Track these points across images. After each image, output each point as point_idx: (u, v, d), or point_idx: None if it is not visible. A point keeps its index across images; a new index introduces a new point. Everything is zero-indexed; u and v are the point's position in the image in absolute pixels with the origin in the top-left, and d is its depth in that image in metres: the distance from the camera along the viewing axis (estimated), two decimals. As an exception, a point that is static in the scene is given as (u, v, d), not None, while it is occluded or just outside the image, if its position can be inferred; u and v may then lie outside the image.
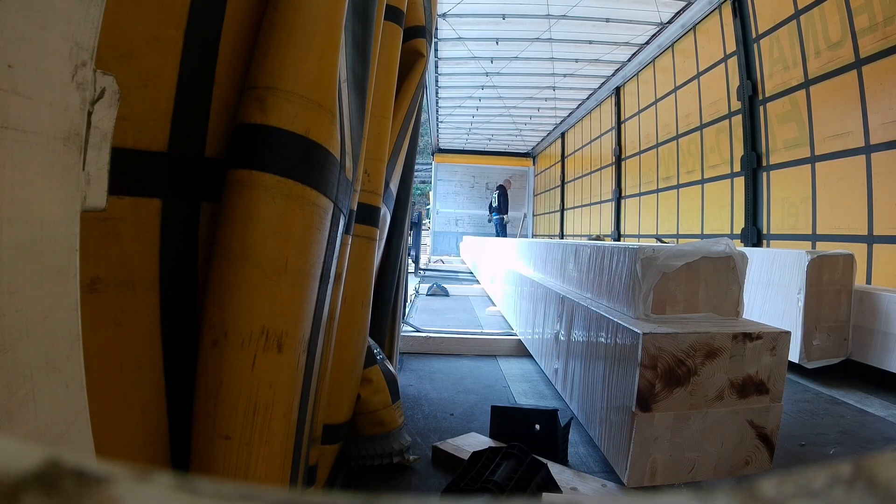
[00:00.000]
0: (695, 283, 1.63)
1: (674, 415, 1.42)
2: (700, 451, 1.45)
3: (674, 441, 1.43)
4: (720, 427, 1.47)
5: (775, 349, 1.53)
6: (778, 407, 1.52)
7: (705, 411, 1.45)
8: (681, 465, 1.44)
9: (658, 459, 1.42)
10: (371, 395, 1.53)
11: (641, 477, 1.42)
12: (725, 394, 1.47)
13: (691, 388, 1.43)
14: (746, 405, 1.49)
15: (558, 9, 6.33)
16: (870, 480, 0.13)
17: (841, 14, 3.75)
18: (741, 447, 1.49)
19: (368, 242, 1.44)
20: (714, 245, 1.64)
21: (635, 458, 1.41)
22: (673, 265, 1.57)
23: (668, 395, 1.41)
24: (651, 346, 1.40)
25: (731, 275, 1.67)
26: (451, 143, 14.70)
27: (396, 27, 1.49)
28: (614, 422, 1.54)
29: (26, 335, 0.42)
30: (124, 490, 0.13)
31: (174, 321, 0.69)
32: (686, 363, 1.43)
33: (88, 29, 0.48)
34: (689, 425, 1.44)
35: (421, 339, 3.16)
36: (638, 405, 1.41)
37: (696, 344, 1.44)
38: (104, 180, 0.55)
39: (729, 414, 1.47)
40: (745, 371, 1.49)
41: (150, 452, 0.67)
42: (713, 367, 1.46)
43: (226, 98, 0.74)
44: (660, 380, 1.40)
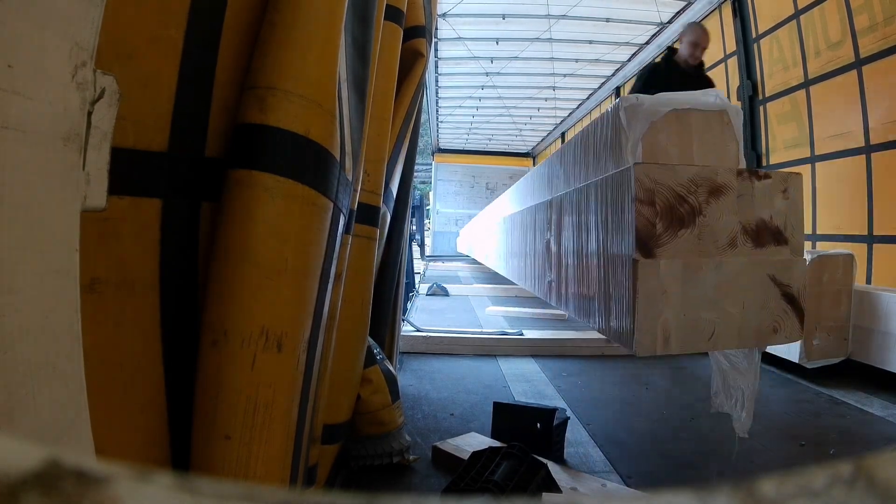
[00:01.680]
0: (687, 138, 1.46)
1: (682, 263, 1.25)
2: (719, 311, 1.28)
3: (686, 296, 1.25)
4: (739, 282, 1.29)
5: (787, 192, 1.35)
6: (801, 263, 1.36)
7: (719, 260, 1.28)
8: (697, 328, 1.27)
9: (670, 320, 1.25)
10: (371, 395, 1.53)
11: (653, 343, 1.24)
12: (739, 240, 1.30)
13: (698, 230, 1.27)
14: (765, 256, 1.32)
15: (558, 9, 6.33)
16: (870, 480, 0.13)
17: (841, 14, 3.75)
18: (766, 309, 1.32)
19: (368, 242, 1.44)
20: (704, 96, 1.49)
21: (643, 317, 1.23)
22: (660, 111, 1.42)
23: (672, 238, 1.25)
24: (645, 179, 1.23)
25: (726, 130, 1.50)
26: (451, 143, 14.69)
27: (396, 27, 1.48)
28: (615, 290, 1.36)
29: (26, 335, 0.42)
30: (124, 490, 0.13)
31: (174, 321, 0.69)
32: (688, 200, 1.27)
33: (88, 29, 0.48)
34: (702, 278, 1.27)
35: (421, 338, 3.15)
36: (638, 249, 1.23)
37: (696, 178, 1.28)
38: (104, 180, 0.55)
39: (747, 266, 1.30)
40: (758, 215, 1.32)
41: (150, 452, 0.67)
42: (720, 206, 1.29)
43: (226, 98, 0.74)
44: (660, 218, 1.24)
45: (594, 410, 2.16)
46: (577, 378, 2.66)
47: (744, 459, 1.71)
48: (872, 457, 0.14)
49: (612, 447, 1.77)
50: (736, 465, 1.65)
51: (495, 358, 3.01)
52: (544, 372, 2.72)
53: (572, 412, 2.08)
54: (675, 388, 2.51)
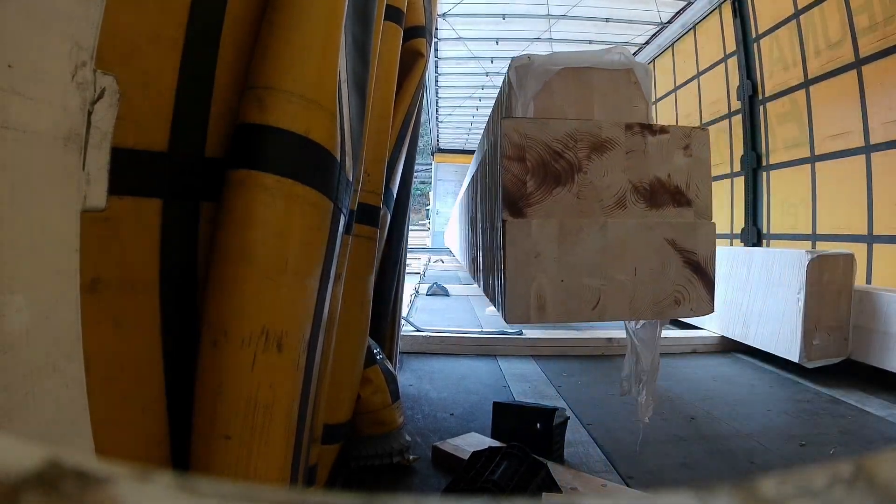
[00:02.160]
0: (587, 98, 1.33)
1: (558, 224, 1.14)
2: (605, 278, 1.16)
3: (564, 261, 1.14)
4: (629, 246, 1.17)
5: (689, 148, 1.22)
6: (708, 227, 1.23)
7: (603, 221, 1.16)
8: (578, 296, 1.15)
9: (545, 285, 1.14)
10: (371, 395, 1.53)
11: (526, 310, 1.14)
12: (629, 200, 1.19)
13: (577, 188, 1.16)
14: (662, 218, 1.19)
15: (558, 9, 6.33)
16: (870, 480, 0.13)
17: (841, 14, 3.75)
18: (665, 277, 1.20)
19: (368, 242, 1.44)
20: (606, 54, 1.36)
21: (513, 282, 1.14)
22: (552, 69, 1.30)
23: (546, 197, 1.14)
24: (514, 134, 1.14)
25: (633, 90, 1.37)
26: (450, 143, 14.69)
27: (396, 27, 1.48)
28: (492, 253, 1.25)
29: (26, 335, 0.42)
30: (124, 490, 0.13)
31: (174, 321, 0.69)
32: (565, 156, 1.16)
33: (88, 29, 0.48)
34: (583, 240, 1.15)
35: (421, 338, 3.16)
36: (507, 208, 1.13)
37: (575, 133, 1.16)
38: (104, 180, 0.55)
39: (638, 228, 1.18)
40: (652, 173, 1.20)
41: (150, 452, 0.67)
42: (604, 163, 1.17)
43: (226, 98, 0.74)
44: (531, 175, 1.14)
45: (594, 410, 2.16)
46: (578, 378, 2.66)
47: (744, 459, 1.71)
48: (872, 457, 0.14)
49: (612, 447, 1.77)
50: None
51: (495, 358, 3.01)
52: (544, 372, 2.72)
53: (572, 412, 2.08)
54: (675, 389, 2.51)
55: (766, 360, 2.97)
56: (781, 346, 2.83)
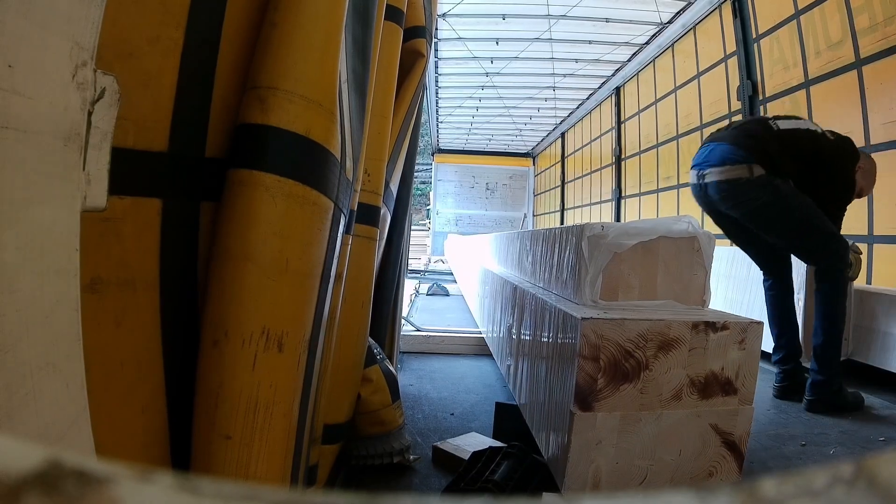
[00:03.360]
0: (652, 267, 1.40)
1: (620, 416, 1.24)
2: (653, 458, 1.27)
3: (621, 446, 1.25)
4: (678, 432, 1.28)
5: (744, 342, 1.31)
6: (747, 410, 1.33)
7: (659, 412, 1.26)
8: (629, 473, 1.26)
9: (601, 467, 1.24)
10: (371, 395, 1.53)
11: (582, 487, 1.24)
12: (684, 393, 1.27)
13: (642, 385, 1.24)
14: (709, 407, 1.30)
15: (558, 9, 6.33)
16: (870, 480, 0.13)
17: (841, 14, 3.75)
18: (703, 456, 1.30)
19: (369, 242, 1.44)
20: (675, 223, 1.41)
21: (574, 463, 1.23)
22: (624, 244, 1.36)
23: (613, 393, 1.23)
24: (592, 335, 1.21)
25: (695, 258, 1.44)
26: (451, 143, 14.70)
27: (396, 27, 1.48)
28: (555, 424, 1.35)
29: (26, 335, 0.42)
30: (125, 490, 0.13)
31: (174, 321, 0.69)
32: (635, 355, 1.23)
33: (88, 29, 0.48)
34: (640, 429, 1.25)
35: (421, 338, 3.16)
36: (577, 403, 1.22)
37: (647, 333, 1.24)
38: (104, 180, 0.55)
39: (688, 417, 1.28)
40: (708, 367, 1.29)
41: (150, 452, 0.67)
42: (668, 361, 1.26)
43: (226, 98, 0.74)
44: (603, 374, 1.22)
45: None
46: (578, 378, 2.66)
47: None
48: (872, 457, 0.14)
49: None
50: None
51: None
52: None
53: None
54: (676, 388, 2.51)
55: (766, 360, 2.97)
56: (781, 346, 2.83)
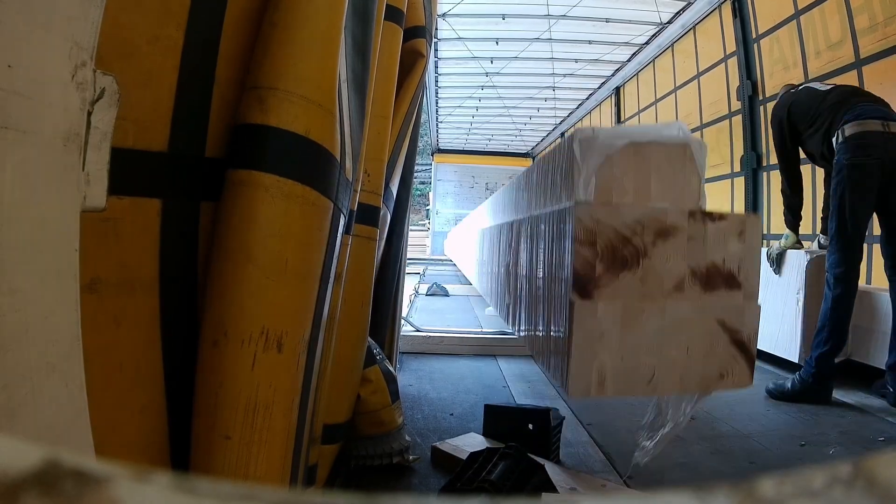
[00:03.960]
0: (645, 172, 1.37)
1: (622, 306, 1.20)
2: (660, 356, 1.22)
3: (625, 341, 1.20)
4: (684, 327, 1.24)
5: (743, 234, 1.29)
6: (754, 307, 1.30)
7: (663, 304, 1.22)
8: (636, 372, 1.22)
9: (606, 363, 1.20)
10: (371, 395, 1.53)
11: (587, 385, 1.19)
12: (686, 284, 1.24)
13: (642, 273, 1.21)
14: (715, 300, 1.26)
15: (558, 9, 6.33)
16: (870, 480, 0.13)
17: (841, 14, 3.75)
18: (713, 355, 1.26)
19: (368, 242, 1.44)
20: (666, 129, 1.38)
21: (578, 359, 1.18)
22: (616, 144, 1.33)
23: (613, 280, 1.19)
24: (587, 218, 1.18)
25: (688, 164, 1.41)
26: (450, 143, 14.70)
27: (396, 27, 1.48)
28: (555, 323, 1.30)
29: (26, 335, 0.42)
30: (124, 490, 0.13)
31: (174, 321, 0.69)
32: (633, 242, 1.20)
33: (88, 29, 0.48)
34: (644, 322, 1.21)
35: (421, 338, 3.15)
36: (576, 290, 1.18)
37: (643, 218, 1.22)
38: (104, 180, 0.55)
39: (693, 311, 1.24)
40: (709, 258, 1.26)
41: (150, 452, 0.67)
42: (667, 249, 1.23)
43: (226, 98, 0.74)
44: (601, 260, 1.18)
45: (595, 410, 2.16)
46: (577, 378, 2.66)
47: (744, 459, 1.71)
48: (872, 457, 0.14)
49: (611, 447, 1.77)
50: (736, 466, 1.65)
51: (495, 358, 3.01)
52: (544, 372, 2.72)
53: (573, 412, 2.09)
54: (675, 389, 2.51)
55: (766, 360, 2.97)
56: (781, 345, 2.83)
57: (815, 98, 2.56)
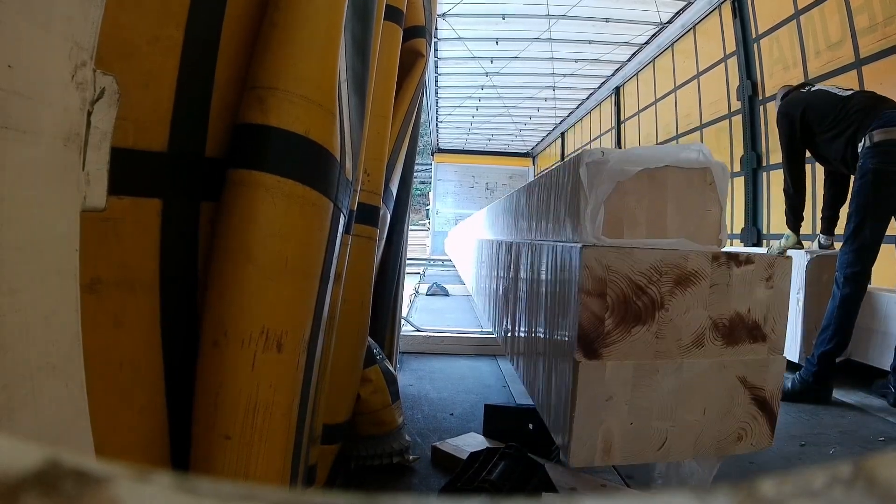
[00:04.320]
0: (661, 201, 1.23)
1: (633, 366, 1.07)
2: (673, 419, 1.10)
3: (635, 404, 1.08)
4: (701, 386, 1.11)
5: (772, 280, 1.15)
6: (779, 361, 1.16)
7: (679, 362, 1.09)
8: (646, 438, 1.09)
9: (613, 429, 1.07)
10: (371, 395, 1.53)
11: (591, 454, 1.07)
12: (707, 338, 1.11)
13: (657, 327, 1.08)
14: (736, 356, 1.13)
15: (558, 9, 6.33)
16: (870, 480, 0.13)
17: (841, 14, 3.75)
18: (731, 415, 1.14)
19: (368, 242, 1.44)
20: (683, 152, 1.24)
21: (580, 424, 1.06)
22: (628, 171, 1.19)
23: (624, 337, 1.06)
24: (596, 266, 1.05)
25: (707, 191, 1.26)
26: (450, 143, 14.70)
27: (396, 27, 1.48)
28: (557, 381, 1.18)
29: (26, 335, 0.42)
30: (124, 490, 0.13)
31: (174, 321, 0.69)
32: (647, 291, 1.07)
33: (88, 29, 0.48)
34: (657, 382, 1.08)
35: (421, 338, 3.15)
36: (581, 348, 1.04)
37: (660, 265, 1.08)
38: (104, 180, 0.55)
39: (713, 368, 1.11)
40: (733, 307, 1.13)
41: (150, 452, 0.67)
42: (687, 299, 1.10)
43: (226, 98, 0.74)
44: (611, 313, 1.06)
45: (594, 410, 2.16)
46: (577, 378, 2.66)
47: (744, 459, 1.71)
48: (872, 457, 0.14)
49: (612, 447, 1.76)
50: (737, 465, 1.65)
51: (495, 358, 3.01)
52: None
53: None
54: (675, 388, 2.51)
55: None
56: (781, 346, 2.83)
57: (835, 102, 2.55)
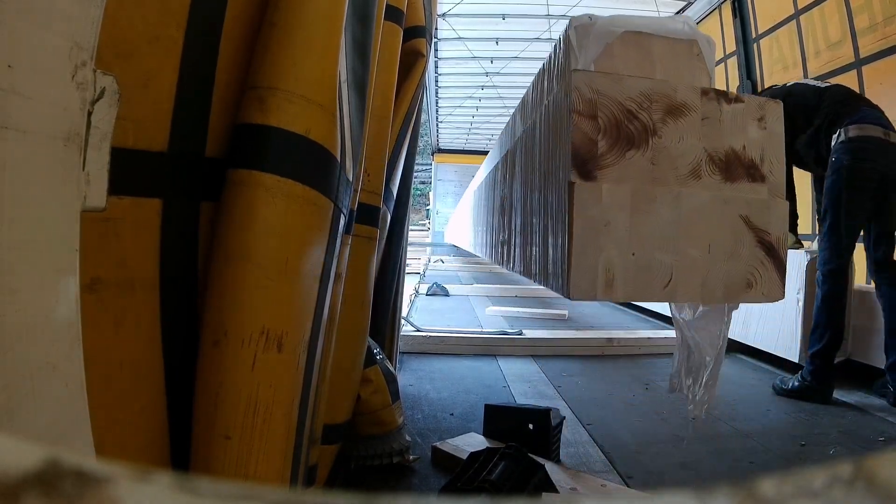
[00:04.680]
0: (648, 68, 1.22)
1: (631, 189, 1.05)
2: (678, 253, 1.07)
3: (636, 231, 1.05)
4: (703, 219, 1.09)
5: (764, 120, 1.14)
6: (781, 206, 1.15)
7: (677, 191, 1.07)
8: (650, 272, 1.05)
9: (614, 259, 1.04)
10: (371, 395, 1.53)
11: (593, 285, 1.03)
12: (703, 170, 1.10)
13: (652, 153, 1.07)
14: (736, 192, 1.12)
15: (558, 9, 6.33)
16: (870, 480, 0.13)
17: (841, 14, 3.75)
18: (737, 257, 1.11)
19: (368, 242, 1.44)
20: (670, 23, 1.25)
21: (580, 252, 1.02)
22: (614, 31, 1.19)
23: (619, 159, 1.05)
24: (586, 88, 1.04)
25: (695, 63, 1.25)
26: (450, 143, 14.71)
27: (396, 27, 1.48)
28: (553, 218, 1.16)
29: (26, 335, 0.42)
30: (124, 490, 0.13)
31: (174, 321, 0.69)
32: (639, 117, 1.07)
33: (88, 29, 0.48)
34: (656, 210, 1.06)
35: (421, 338, 3.15)
36: (576, 169, 1.02)
37: (650, 92, 1.08)
38: (104, 180, 0.55)
39: (713, 202, 1.09)
40: (727, 143, 1.12)
41: (150, 452, 0.67)
42: (680, 128, 1.09)
43: (226, 98, 0.74)
44: (604, 135, 1.04)
45: (594, 410, 2.16)
46: (578, 378, 2.66)
47: (744, 459, 1.71)
48: (872, 457, 0.14)
49: (612, 447, 1.77)
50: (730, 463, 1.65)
51: (495, 358, 3.01)
52: (544, 372, 2.72)
53: (572, 412, 2.08)
54: (675, 389, 2.51)
55: (766, 360, 2.97)
56: (781, 345, 2.83)
57: (813, 93, 2.51)
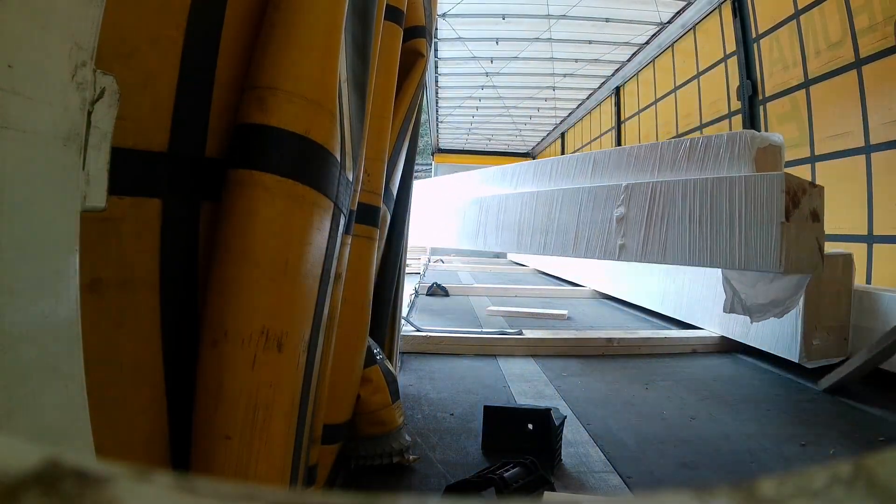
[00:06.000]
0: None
1: (796, 225, 2.31)
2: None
3: (800, 237, 2.31)
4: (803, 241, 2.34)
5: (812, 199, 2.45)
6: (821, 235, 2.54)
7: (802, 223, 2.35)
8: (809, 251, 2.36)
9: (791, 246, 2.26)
10: (371, 395, 1.53)
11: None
12: (809, 217, 2.39)
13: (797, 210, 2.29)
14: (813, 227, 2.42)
15: (558, 9, 6.33)
16: (870, 480, 0.13)
17: (841, 14, 3.75)
18: (812, 251, 2.38)
19: (368, 242, 1.44)
20: (773, 136, 2.75)
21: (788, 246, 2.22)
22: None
23: (794, 211, 2.23)
24: (789, 181, 2.24)
25: (779, 158, 2.78)
26: (451, 143, 14.69)
27: (396, 27, 1.48)
28: (759, 238, 2.28)
29: (26, 335, 0.42)
30: (124, 490, 0.13)
31: (174, 321, 0.69)
32: (797, 194, 2.31)
33: (88, 29, 0.48)
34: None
35: (421, 338, 3.15)
36: (786, 216, 2.19)
37: (793, 185, 2.30)
38: (104, 180, 0.55)
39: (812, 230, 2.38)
40: (810, 207, 2.40)
41: (150, 452, 0.67)
42: (804, 200, 2.33)
43: (226, 98, 0.74)
44: (791, 200, 2.24)
45: (594, 410, 2.16)
46: (578, 378, 2.66)
47: (744, 459, 1.71)
48: (872, 457, 0.14)
49: (612, 447, 1.77)
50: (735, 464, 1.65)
51: (495, 358, 3.01)
52: (544, 372, 2.72)
53: (572, 412, 2.08)
54: (676, 388, 2.51)
55: (766, 361, 2.97)
56: (781, 346, 2.83)
57: None
